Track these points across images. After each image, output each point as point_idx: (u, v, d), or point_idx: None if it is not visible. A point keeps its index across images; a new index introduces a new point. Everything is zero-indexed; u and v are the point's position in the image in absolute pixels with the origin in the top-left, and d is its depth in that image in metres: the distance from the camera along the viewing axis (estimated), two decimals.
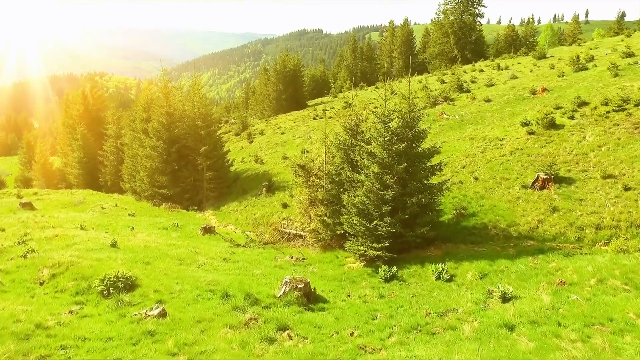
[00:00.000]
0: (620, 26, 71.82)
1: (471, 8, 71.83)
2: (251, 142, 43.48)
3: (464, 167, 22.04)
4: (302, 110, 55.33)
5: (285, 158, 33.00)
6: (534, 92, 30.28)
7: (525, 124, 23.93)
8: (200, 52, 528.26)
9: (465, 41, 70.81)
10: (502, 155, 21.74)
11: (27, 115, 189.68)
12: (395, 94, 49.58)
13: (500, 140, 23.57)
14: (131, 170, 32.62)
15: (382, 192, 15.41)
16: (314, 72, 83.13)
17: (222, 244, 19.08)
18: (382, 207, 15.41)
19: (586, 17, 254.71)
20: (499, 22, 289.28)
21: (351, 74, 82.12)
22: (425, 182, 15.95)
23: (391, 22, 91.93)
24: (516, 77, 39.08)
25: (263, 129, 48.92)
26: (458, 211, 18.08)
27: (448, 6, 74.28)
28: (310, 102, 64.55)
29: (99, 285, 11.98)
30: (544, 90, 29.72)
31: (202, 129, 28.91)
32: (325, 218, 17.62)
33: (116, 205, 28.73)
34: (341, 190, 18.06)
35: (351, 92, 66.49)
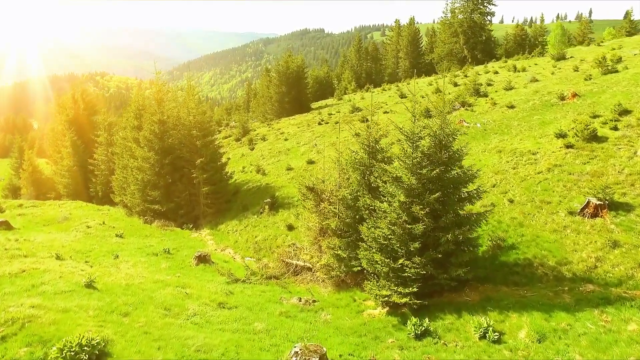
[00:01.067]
0: (632, 25, 69.10)
1: (481, 7, 69.06)
2: (252, 149, 40.84)
3: (494, 186, 19.33)
4: (306, 114, 52.68)
5: (289, 169, 30.35)
6: (562, 98, 27.54)
7: (561, 135, 21.23)
8: (202, 52, 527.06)
9: (476, 41, 68.08)
10: (539, 173, 19.02)
11: (27, 115, 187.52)
12: (405, 97, 47.07)
13: (534, 154, 20.85)
14: (121, 182, 29.98)
15: (409, 226, 12.73)
16: (317, 73, 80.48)
17: (218, 278, 16.43)
18: (409, 243, 12.74)
19: (590, 16, 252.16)
20: (501, 22, 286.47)
21: (356, 74, 79.47)
22: (461, 212, 13.25)
23: (397, 21, 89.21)
24: (537, 80, 36.36)
25: (265, 134, 46.26)
26: (495, 242, 15.39)
27: (456, 4, 71.63)
28: (314, 105, 61.92)
29: (57, 358, 9.35)
30: (575, 95, 26.99)
31: (197, 139, 26.20)
32: (339, 252, 14.95)
33: (103, 223, 26.10)
34: (357, 217, 15.42)
35: (356, 94, 63.87)
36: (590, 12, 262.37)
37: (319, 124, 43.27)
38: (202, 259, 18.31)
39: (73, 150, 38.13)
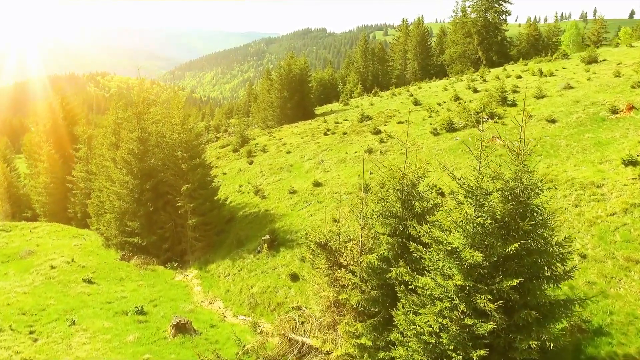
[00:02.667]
0: None
1: (496, 5, 64.76)
2: (251, 162, 36.76)
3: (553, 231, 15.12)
4: (310, 121, 48.54)
5: (292, 192, 26.23)
6: (615, 111, 23.35)
7: (630, 162, 17.07)
8: (204, 52, 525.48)
9: (490, 42, 63.81)
10: (612, 215, 14.85)
11: (25, 116, 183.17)
12: (420, 104, 42.92)
13: (598, 186, 16.67)
14: (97, 208, 25.95)
15: (470, 323, 8.63)
16: (321, 76, 76.51)
17: None
18: (469, 348, 8.64)
19: (594, 15, 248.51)
20: (504, 21, 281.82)
21: (362, 76, 75.27)
22: (544, 302, 9.09)
23: (404, 20, 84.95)
24: (572, 87, 32.10)
25: (265, 144, 42.18)
26: (574, 325, 11.25)
27: (468, 3, 67.33)
28: (318, 110, 57.83)
29: None
30: (631, 108, 22.79)
31: (183, 161, 22.09)
32: (363, 340, 10.83)
33: (72, 260, 22.01)
34: (386, 287, 11.31)
35: (363, 98, 59.78)
36: (595, 12, 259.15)
37: (325, 134, 39.14)
38: (182, 329, 14.21)
39: (50, 165, 34.10)
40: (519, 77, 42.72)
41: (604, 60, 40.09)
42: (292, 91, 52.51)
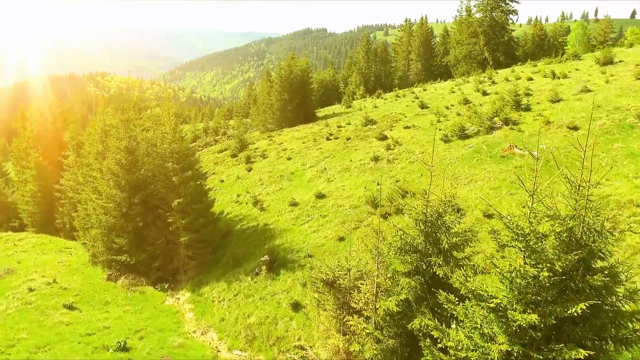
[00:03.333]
0: None
1: (503, 4, 62.87)
2: (250, 169, 34.94)
3: None
4: (312, 125, 46.71)
5: (293, 204, 24.43)
6: None
7: None
8: (204, 52, 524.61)
9: (497, 42, 61.91)
10: None
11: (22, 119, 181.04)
12: (426, 107, 41.07)
13: (638, 206, 14.86)
14: (84, 221, 24.18)
15: None
16: (322, 77, 74.65)
17: None
18: None
19: (595, 15, 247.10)
20: (511, 21, 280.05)
21: (364, 78, 73.40)
22: None
23: (407, 20, 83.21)
24: (589, 90, 30.25)
25: (265, 149, 40.36)
26: None
27: (472, 2, 65.45)
28: (319, 113, 55.96)
29: None
30: None
31: (174, 173, 20.26)
32: None
33: (54, 281, 20.20)
34: (406, 332, 9.52)
35: (366, 100, 57.97)
36: (596, 12, 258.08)
37: (327, 139, 37.32)
38: None
39: (38, 173, 32.31)
40: (530, 79, 40.85)
41: (620, 61, 38.22)
42: (293, 93, 50.66)
